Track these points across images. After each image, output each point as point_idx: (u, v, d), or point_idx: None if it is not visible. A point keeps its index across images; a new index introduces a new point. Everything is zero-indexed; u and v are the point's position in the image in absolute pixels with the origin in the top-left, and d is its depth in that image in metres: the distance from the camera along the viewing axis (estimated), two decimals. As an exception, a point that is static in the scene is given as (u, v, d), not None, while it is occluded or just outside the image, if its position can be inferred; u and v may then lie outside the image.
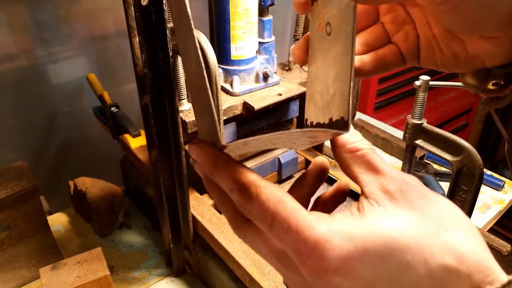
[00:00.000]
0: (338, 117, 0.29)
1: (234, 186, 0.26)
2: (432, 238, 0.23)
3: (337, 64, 0.29)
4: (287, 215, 0.24)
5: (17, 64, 0.90)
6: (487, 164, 0.81)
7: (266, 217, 0.25)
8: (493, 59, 0.31)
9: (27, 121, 0.95)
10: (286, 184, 0.88)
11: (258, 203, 0.25)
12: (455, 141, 0.66)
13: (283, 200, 0.25)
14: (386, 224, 0.24)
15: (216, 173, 0.27)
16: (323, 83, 0.31)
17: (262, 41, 0.74)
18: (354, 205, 0.26)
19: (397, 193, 0.25)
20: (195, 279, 0.78)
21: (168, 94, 0.58)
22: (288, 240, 0.24)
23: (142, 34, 0.53)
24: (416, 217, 0.24)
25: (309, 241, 0.23)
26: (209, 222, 0.70)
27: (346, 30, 0.28)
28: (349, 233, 0.23)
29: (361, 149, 0.28)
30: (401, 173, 0.26)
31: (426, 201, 0.25)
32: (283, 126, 0.83)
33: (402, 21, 0.34)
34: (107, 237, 0.87)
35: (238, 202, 0.26)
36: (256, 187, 0.25)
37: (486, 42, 0.30)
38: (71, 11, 0.93)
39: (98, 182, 0.88)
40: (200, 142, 0.28)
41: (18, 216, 0.71)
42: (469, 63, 0.32)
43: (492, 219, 0.95)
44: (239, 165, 0.27)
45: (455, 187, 0.68)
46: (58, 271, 0.64)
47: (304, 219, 0.24)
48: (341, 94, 0.28)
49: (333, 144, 0.29)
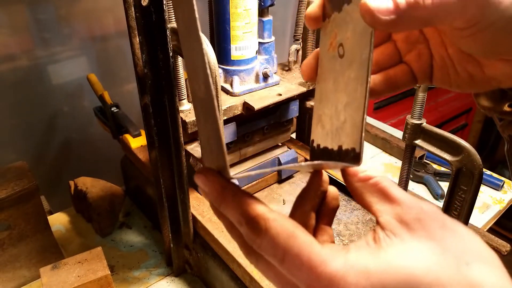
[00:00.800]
0: (348, 146, 0.28)
1: (242, 219, 0.25)
2: (453, 273, 0.22)
3: (349, 90, 0.28)
4: (299, 250, 0.23)
5: (18, 64, 0.90)
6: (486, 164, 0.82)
7: (276, 252, 0.24)
8: (510, 80, 0.30)
9: (28, 121, 0.96)
10: (286, 184, 0.88)
11: (268, 238, 0.24)
12: (455, 141, 0.66)
13: (294, 234, 0.24)
14: (404, 259, 0.22)
15: (223, 204, 0.26)
16: (333, 107, 0.30)
17: (262, 41, 0.74)
18: (370, 235, 0.25)
19: (415, 223, 0.24)
20: (195, 278, 0.78)
21: (168, 94, 0.58)
22: (300, 276, 0.23)
23: (143, 34, 0.53)
24: (435, 250, 0.23)
25: (323, 277, 0.22)
26: (209, 222, 0.70)
27: (361, 56, 0.27)
28: (365, 268, 0.22)
29: (373, 177, 0.27)
30: (418, 201, 0.25)
31: (445, 231, 0.24)
32: (283, 126, 0.83)
33: (415, 40, 0.34)
34: (108, 236, 0.87)
35: (247, 236, 0.25)
36: (265, 220, 0.24)
37: (504, 64, 0.29)
38: (71, 11, 0.93)
39: (98, 182, 0.88)
40: (206, 172, 0.27)
41: (19, 216, 0.71)
42: (484, 84, 0.31)
43: (491, 219, 0.95)
44: (247, 196, 0.26)
45: (454, 187, 0.68)
46: (59, 271, 0.64)
47: (317, 254, 0.23)
48: (353, 124, 0.27)
49: (344, 173, 0.29)
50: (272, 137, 0.83)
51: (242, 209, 0.25)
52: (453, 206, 0.69)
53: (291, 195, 0.84)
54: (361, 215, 0.79)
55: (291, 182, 0.89)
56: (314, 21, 0.32)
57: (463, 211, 0.68)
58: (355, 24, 0.27)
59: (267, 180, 0.85)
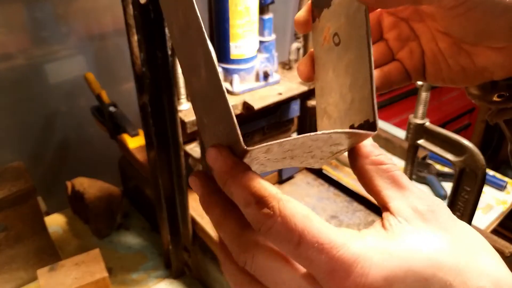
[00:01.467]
0: (361, 121, 0.28)
1: (251, 198, 0.23)
2: (468, 260, 0.23)
3: (351, 71, 0.28)
4: (317, 232, 0.22)
5: (15, 63, 0.90)
6: (490, 164, 0.81)
7: (292, 235, 0.22)
8: (502, 70, 0.31)
9: (25, 121, 0.95)
10: (287, 185, 0.87)
11: (282, 219, 0.22)
12: (458, 141, 0.65)
13: (310, 217, 0.22)
14: (424, 243, 0.23)
15: (231, 180, 0.24)
16: (337, 94, 0.30)
17: (263, 39, 0.74)
18: (377, 223, 0.25)
19: (428, 214, 0.24)
20: (194, 281, 0.77)
21: (167, 94, 0.57)
22: (320, 261, 0.22)
23: (141, 32, 0.52)
24: (450, 239, 0.23)
25: (346, 259, 0.21)
26: (208, 224, 0.69)
27: (359, 34, 0.27)
28: (387, 250, 0.22)
29: (386, 164, 0.26)
30: (427, 193, 0.26)
31: (455, 223, 0.24)
32: (283, 125, 0.82)
33: (406, 37, 0.34)
34: (105, 238, 0.87)
35: (255, 217, 0.23)
36: (278, 200, 0.23)
37: (495, 53, 0.30)
38: (69, 9, 0.92)
39: (96, 183, 0.87)
40: (220, 146, 0.25)
41: (15, 217, 0.70)
42: (477, 76, 0.32)
43: (494, 220, 0.95)
44: (259, 177, 0.24)
45: (457, 187, 0.68)
46: (56, 273, 0.63)
47: (337, 236, 0.22)
48: (362, 98, 0.27)
49: (355, 154, 0.27)
50: (273, 136, 0.82)
51: (253, 186, 0.23)
52: (456, 207, 0.69)
53: (292, 196, 0.83)
54: (363, 216, 0.78)
55: (292, 183, 0.88)
56: (303, 26, 0.33)
57: (466, 212, 0.68)
58: (348, 9, 0.28)
59: (268, 180, 0.84)
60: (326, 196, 0.84)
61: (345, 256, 0.21)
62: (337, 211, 0.79)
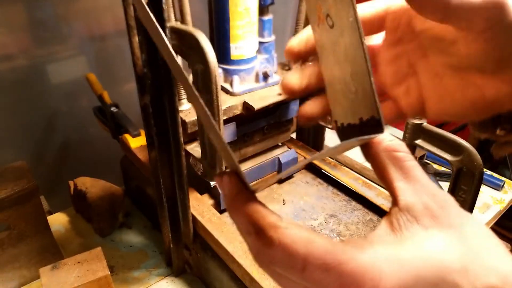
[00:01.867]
0: (368, 116, 0.27)
1: (251, 228, 0.23)
2: (476, 258, 0.23)
3: (350, 58, 0.27)
4: (322, 251, 0.21)
5: (16, 63, 0.90)
6: (487, 164, 0.81)
7: (295, 261, 0.21)
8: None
9: (27, 121, 0.95)
10: (286, 184, 0.88)
11: (282, 247, 0.22)
12: (455, 141, 0.66)
13: (311, 239, 0.22)
14: (433, 247, 0.23)
15: (233, 210, 0.24)
16: (342, 81, 0.29)
17: (262, 40, 0.74)
18: (386, 220, 0.24)
19: (438, 211, 0.24)
20: (195, 279, 0.78)
21: (168, 94, 0.58)
22: (328, 280, 0.21)
23: (142, 33, 0.53)
24: (458, 237, 0.23)
25: (355, 273, 0.21)
26: (209, 222, 0.70)
27: (348, 19, 0.26)
28: (397, 258, 0.22)
29: (400, 151, 0.26)
30: (437, 188, 0.25)
31: (463, 219, 0.24)
32: (283, 126, 0.83)
33: (404, 74, 0.33)
34: (107, 237, 0.87)
35: (255, 247, 0.23)
36: (277, 228, 0.22)
37: (505, 84, 0.29)
38: (70, 10, 0.92)
39: (98, 182, 0.88)
40: (223, 174, 0.25)
41: (18, 216, 0.71)
42: (486, 109, 0.31)
43: (492, 219, 0.95)
44: (260, 205, 0.24)
45: (455, 187, 0.68)
46: (58, 271, 0.64)
47: (343, 252, 0.21)
48: (364, 91, 0.27)
49: (368, 142, 0.27)
50: (272, 137, 0.83)
51: (252, 216, 0.23)
52: (453, 206, 0.69)
53: (291, 195, 0.84)
54: (361, 215, 0.79)
55: (291, 182, 0.88)
56: (295, 56, 0.33)
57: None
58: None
59: (267, 179, 0.85)
60: (325, 195, 0.85)
61: (354, 270, 0.21)
62: (336, 210, 0.80)
